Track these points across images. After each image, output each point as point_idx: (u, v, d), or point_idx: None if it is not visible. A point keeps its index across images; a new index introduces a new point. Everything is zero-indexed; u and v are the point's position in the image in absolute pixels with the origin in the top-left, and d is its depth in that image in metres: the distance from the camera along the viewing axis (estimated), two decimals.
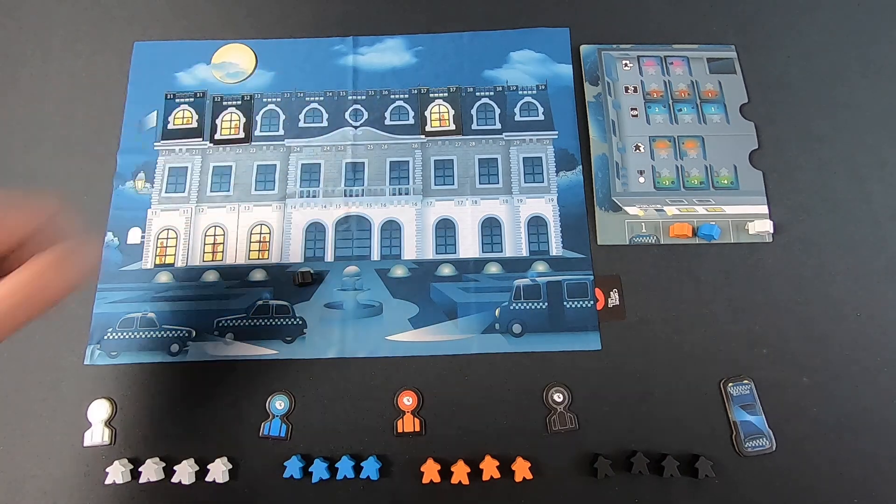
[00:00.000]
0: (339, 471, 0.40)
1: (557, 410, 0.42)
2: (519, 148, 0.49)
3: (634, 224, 0.47)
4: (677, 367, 0.43)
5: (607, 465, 0.39)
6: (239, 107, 0.51)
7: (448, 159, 0.49)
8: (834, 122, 0.49)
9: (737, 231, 0.46)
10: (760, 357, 0.43)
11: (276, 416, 0.42)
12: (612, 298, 0.45)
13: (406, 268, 0.46)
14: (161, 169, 0.49)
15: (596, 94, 0.50)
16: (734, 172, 0.48)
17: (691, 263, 0.46)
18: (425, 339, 0.44)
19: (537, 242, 0.47)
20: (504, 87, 0.51)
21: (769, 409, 0.41)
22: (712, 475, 0.39)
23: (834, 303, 0.44)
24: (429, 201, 0.48)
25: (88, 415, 0.42)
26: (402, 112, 0.51)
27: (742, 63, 0.51)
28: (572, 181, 0.48)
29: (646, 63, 0.51)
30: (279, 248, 0.47)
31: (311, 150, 0.50)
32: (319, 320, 0.45)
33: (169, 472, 0.40)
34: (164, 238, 0.47)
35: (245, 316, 0.45)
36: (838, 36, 0.52)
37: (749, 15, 0.53)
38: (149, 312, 0.45)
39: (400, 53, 0.52)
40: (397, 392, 0.42)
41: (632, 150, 0.49)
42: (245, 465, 0.41)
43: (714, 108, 0.50)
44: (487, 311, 0.45)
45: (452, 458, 0.40)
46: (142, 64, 0.52)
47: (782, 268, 0.45)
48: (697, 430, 0.41)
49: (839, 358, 0.43)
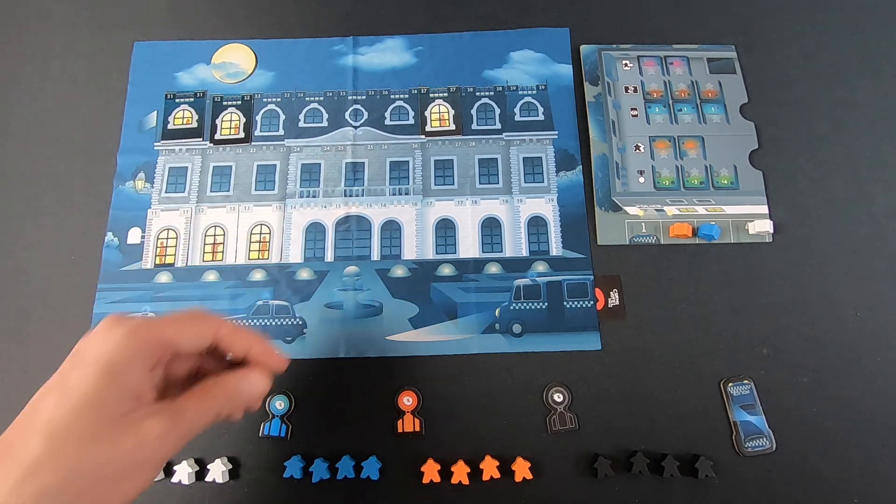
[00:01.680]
0: (339, 471, 0.40)
1: (557, 410, 0.42)
2: (519, 148, 0.49)
3: (634, 224, 0.47)
4: (677, 367, 0.43)
5: (607, 465, 0.39)
6: (239, 107, 0.51)
7: (448, 159, 0.49)
8: (834, 122, 0.49)
9: (737, 231, 0.46)
10: (760, 357, 0.43)
11: (276, 416, 0.42)
12: (612, 298, 0.45)
13: (406, 268, 0.46)
14: (161, 169, 0.49)
15: (596, 94, 0.50)
16: (734, 172, 0.48)
17: (691, 263, 0.46)
18: (425, 339, 0.44)
19: (537, 242, 0.47)
20: (504, 87, 0.51)
21: (769, 409, 0.41)
22: (712, 475, 0.39)
23: (834, 303, 0.44)
24: (429, 201, 0.48)
25: None
26: (402, 112, 0.51)
27: (742, 63, 0.51)
28: (572, 181, 0.48)
29: (646, 63, 0.51)
30: (279, 248, 0.47)
31: (311, 150, 0.50)
32: (319, 320, 0.45)
33: (169, 472, 0.40)
34: (164, 238, 0.47)
35: (245, 316, 0.45)
36: (838, 36, 0.52)
37: (749, 15, 0.53)
38: (149, 312, 0.45)
39: (400, 53, 0.52)
40: (397, 392, 0.42)
41: (632, 150, 0.49)
42: (245, 465, 0.41)
43: (714, 108, 0.50)
44: (487, 311, 0.45)
45: (452, 458, 0.40)
46: (142, 64, 0.52)
47: (782, 268, 0.45)
48: (697, 430, 0.41)
49: (839, 358, 0.43)
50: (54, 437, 0.24)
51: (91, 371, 0.26)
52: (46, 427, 0.25)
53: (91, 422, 0.25)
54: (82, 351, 0.28)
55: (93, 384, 0.26)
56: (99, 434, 0.25)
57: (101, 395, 0.26)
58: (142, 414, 0.27)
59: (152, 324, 0.28)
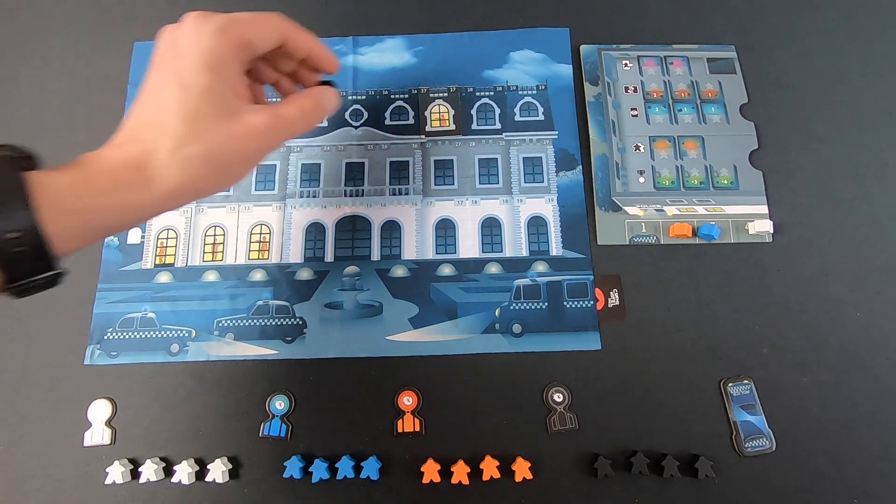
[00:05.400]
0: (339, 471, 0.40)
1: (557, 410, 0.42)
2: (519, 148, 0.49)
3: (634, 224, 0.47)
4: (677, 367, 0.43)
5: (607, 465, 0.39)
6: None
7: (448, 159, 0.49)
8: (834, 122, 0.49)
9: (737, 231, 0.46)
10: (760, 357, 0.43)
11: (276, 416, 0.42)
12: (612, 298, 0.45)
13: (406, 268, 0.46)
14: None
15: (596, 94, 0.50)
16: (734, 172, 0.48)
17: (691, 263, 0.46)
18: (425, 339, 0.44)
19: (537, 242, 0.47)
20: (504, 87, 0.51)
21: (769, 409, 0.42)
22: (712, 475, 0.39)
23: (834, 303, 0.44)
24: (429, 201, 0.48)
25: (88, 415, 0.42)
26: (402, 112, 0.51)
27: (742, 63, 0.51)
28: (572, 181, 0.48)
29: (646, 63, 0.51)
30: (279, 248, 0.47)
31: (312, 149, 0.50)
32: (319, 320, 0.45)
33: (169, 472, 0.40)
34: (164, 238, 0.47)
35: (245, 316, 0.45)
36: (838, 36, 0.52)
37: (749, 15, 0.53)
38: (149, 312, 0.45)
39: (400, 53, 0.52)
40: (397, 392, 0.42)
41: (632, 150, 0.49)
42: (245, 465, 0.41)
43: (714, 108, 0.50)
44: (487, 311, 0.45)
45: (452, 458, 0.40)
46: (142, 64, 0.52)
47: (782, 268, 0.45)
48: (697, 430, 0.41)
49: (839, 358, 0.43)
50: (191, 119, 0.29)
51: (197, 64, 0.30)
52: (181, 111, 0.29)
53: (213, 107, 0.30)
54: (178, 46, 0.31)
55: (205, 77, 0.30)
56: (219, 118, 0.30)
57: (214, 86, 0.30)
58: (247, 108, 0.31)
59: (234, 22, 0.31)
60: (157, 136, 0.29)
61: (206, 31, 0.30)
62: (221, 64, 0.31)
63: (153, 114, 0.30)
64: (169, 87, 0.30)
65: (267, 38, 0.33)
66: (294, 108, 0.34)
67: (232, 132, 0.30)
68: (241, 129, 0.31)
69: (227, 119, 0.30)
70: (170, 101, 0.30)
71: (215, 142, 0.30)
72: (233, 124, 0.30)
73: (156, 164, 0.28)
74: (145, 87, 0.31)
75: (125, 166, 0.28)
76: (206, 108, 0.30)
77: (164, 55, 0.31)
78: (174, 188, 0.29)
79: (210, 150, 0.30)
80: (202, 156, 0.29)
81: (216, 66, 0.30)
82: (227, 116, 0.30)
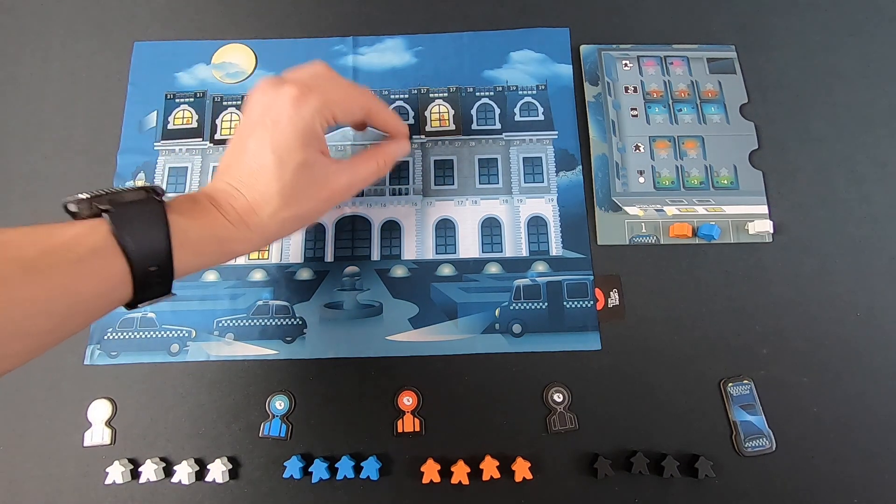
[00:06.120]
0: (339, 471, 0.40)
1: (557, 410, 0.42)
2: (519, 148, 0.49)
3: (634, 224, 0.47)
4: (677, 367, 0.43)
5: (607, 465, 0.39)
6: (239, 107, 0.51)
7: (448, 159, 0.49)
8: (834, 122, 0.49)
9: (737, 231, 0.46)
10: (760, 357, 0.43)
11: (276, 416, 0.42)
12: (612, 298, 0.45)
13: (406, 268, 0.46)
14: (161, 169, 0.49)
15: (596, 94, 0.50)
16: (734, 172, 0.48)
17: (691, 263, 0.46)
18: (425, 339, 0.44)
19: (537, 242, 0.47)
20: (504, 87, 0.51)
21: (769, 409, 0.42)
22: (712, 475, 0.39)
23: (834, 303, 0.44)
24: (429, 201, 0.48)
25: (88, 415, 0.42)
26: (402, 112, 0.50)
27: (742, 63, 0.51)
28: (572, 181, 0.48)
29: (646, 63, 0.51)
30: (279, 248, 0.47)
31: None
32: (319, 320, 0.45)
33: (169, 472, 0.40)
34: None
35: (245, 316, 0.45)
36: (838, 36, 0.52)
37: (749, 15, 0.53)
38: (149, 312, 0.45)
39: (400, 53, 0.52)
40: (397, 392, 0.42)
41: (632, 150, 0.49)
42: (245, 465, 0.41)
43: (714, 108, 0.50)
44: (487, 311, 0.45)
45: (452, 458, 0.40)
46: (142, 64, 0.52)
47: (782, 268, 0.45)
48: (697, 430, 0.41)
49: (839, 358, 0.43)
50: (287, 192, 0.34)
51: (294, 141, 0.34)
52: (279, 184, 0.34)
53: (305, 180, 0.35)
54: (278, 119, 0.35)
55: (299, 154, 0.35)
56: (309, 188, 0.36)
57: (307, 160, 0.35)
58: (331, 172, 0.37)
59: (329, 104, 0.36)
60: (259, 198, 0.34)
61: (306, 112, 0.35)
62: (314, 140, 0.35)
63: (254, 176, 0.34)
64: (267, 156, 0.34)
65: (352, 116, 0.39)
66: (371, 167, 0.40)
67: (319, 198, 0.36)
68: (327, 194, 0.37)
69: (317, 188, 0.36)
70: (268, 172, 0.34)
71: (305, 208, 0.36)
72: (320, 191, 0.36)
73: (258, 222, 0.34)
74: (246, 145, 0.35)
75: (236, 220, 0.34)
76: (299, 182, 0.35)
77: (263, 121, 0.35)
78: (268, 239, 0.36)
79: (300, 213, 0.36)
80: (293, 218, 0.36)
81: (310, 143, 0.35)
82: (315, 185, 0.36)
